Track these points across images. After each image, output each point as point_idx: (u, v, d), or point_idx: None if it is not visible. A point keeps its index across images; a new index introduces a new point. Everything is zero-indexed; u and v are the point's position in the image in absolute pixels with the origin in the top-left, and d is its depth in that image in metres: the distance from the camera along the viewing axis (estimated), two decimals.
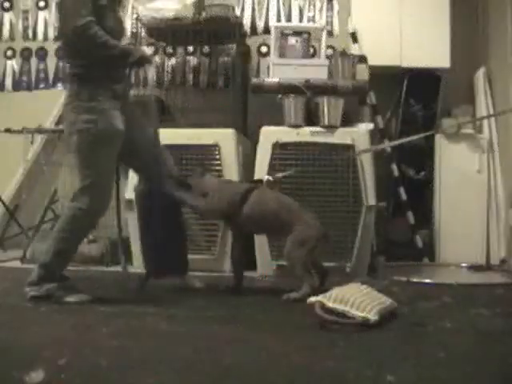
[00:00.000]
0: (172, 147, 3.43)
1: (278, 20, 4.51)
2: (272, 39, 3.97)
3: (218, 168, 3.48)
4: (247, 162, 3.60)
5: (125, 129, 2.64)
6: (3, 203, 4.38)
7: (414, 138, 3.45)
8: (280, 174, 2.99)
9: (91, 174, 2.59)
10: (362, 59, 3.88)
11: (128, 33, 4.26)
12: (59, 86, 4.76)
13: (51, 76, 4.78)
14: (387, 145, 3.77)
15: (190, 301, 2.55)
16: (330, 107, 3.41)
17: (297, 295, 2.48)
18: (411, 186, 4.20)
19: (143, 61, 2.75)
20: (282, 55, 3.88)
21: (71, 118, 2.62)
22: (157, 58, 4.51)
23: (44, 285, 2.55)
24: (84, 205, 2.58)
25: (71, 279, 2.67)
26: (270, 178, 2.87)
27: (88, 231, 2.82)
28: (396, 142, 3.55)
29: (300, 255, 2.57)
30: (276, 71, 3.75)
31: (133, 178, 3.30)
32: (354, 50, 4.10)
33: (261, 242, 3.31)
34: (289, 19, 4.53)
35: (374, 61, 3.93)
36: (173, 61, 4.53)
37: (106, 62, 2.60)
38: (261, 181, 2.94)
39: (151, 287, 2.82)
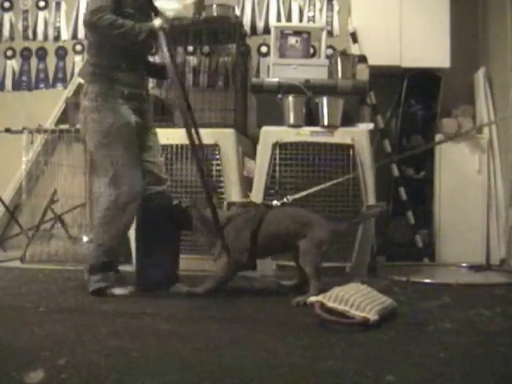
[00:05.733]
0: (172, 147, 3.45)
1: (278, 20, 4.52)
2: (272, 39, 3.98)
3: (218, 168, 3.48)
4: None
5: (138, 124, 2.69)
6: (3, 203, 4.38)
7: (420, 149, 3.46)
8: (287, 198, 2.94)
9: (112, 169, 2.63)
10: (362, 59, 3.88)
11: None
12: (59, 85, 4.77)
13: (51, 76, 4.79)
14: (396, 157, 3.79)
15: (189, 301, 2.55)
16: (330, 107, 3.41)
17: (306, 298, 2.45)
18: (411, 186, 4.20)
19: (154, 33, 2.62)
20: (282, 55, 3.89)
21: (81, 117, 2.72)
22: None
23: (92, 277, 2.64)
24: (113, 196, 2.64)
25: (120, 273, 2.79)
26: (278, 204, 2.86)
27: (123, 223, 2.68)
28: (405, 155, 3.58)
29: (315, 258, 2.59)
30: (276, 71, 3.75)
31: None
32: (354, 49, 4.11)
33: None
34: (289, 19, 4.54)
35: (373, 61, 3.94)
36: None
37: (117, 61, 2.66)
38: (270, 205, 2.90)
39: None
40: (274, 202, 2.84)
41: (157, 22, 2.64)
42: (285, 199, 2.84)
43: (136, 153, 2.70)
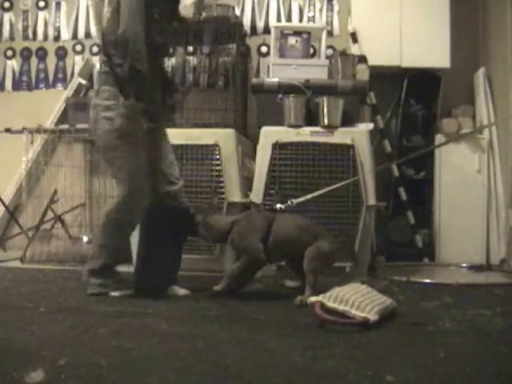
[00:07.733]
0: (172, 147, 3.44)
1: (278, 20, 4.52)
2: (272, 39, 3.98)
3: (218, 168, 3.48)
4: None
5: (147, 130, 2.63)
6: (3, 203, 4.38)
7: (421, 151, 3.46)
8: (293, 201, 2.91)
9: (121, 171, 2.60)
10: (362, 59, 3.89)
11: None
12: (59, 85, 4.77)
13: (51, 76, 4.79)
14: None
15: (190, 301, 2.55)
16: (330, 107, 3.41)
17: (305, 298, 2.45)
18: (411, 185, 4.21)
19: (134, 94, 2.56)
20: (282, 55, 3.89)
21: (92, 115, 2.63)
22: None
23: (92, 279, 2.63)
24: (120, 198, 2.62)
25: (120, 275, 2.71)
26: (282, 207, 2.84)
27: (127, 226, 2.67)
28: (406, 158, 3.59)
29: (317, 267, 2.57)
30: (276, 71, 3.75)
31: None
32: (354, 50, 4.11)
33: None
34: (289, 19, 4.55)
35: (374, 61, 3.94)
36: (173, 61, 4.53)
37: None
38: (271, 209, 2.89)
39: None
40: (278, 206, 2.82)
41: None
42: (289, 202, 2.83)
43: (145, 156, 2.64)
